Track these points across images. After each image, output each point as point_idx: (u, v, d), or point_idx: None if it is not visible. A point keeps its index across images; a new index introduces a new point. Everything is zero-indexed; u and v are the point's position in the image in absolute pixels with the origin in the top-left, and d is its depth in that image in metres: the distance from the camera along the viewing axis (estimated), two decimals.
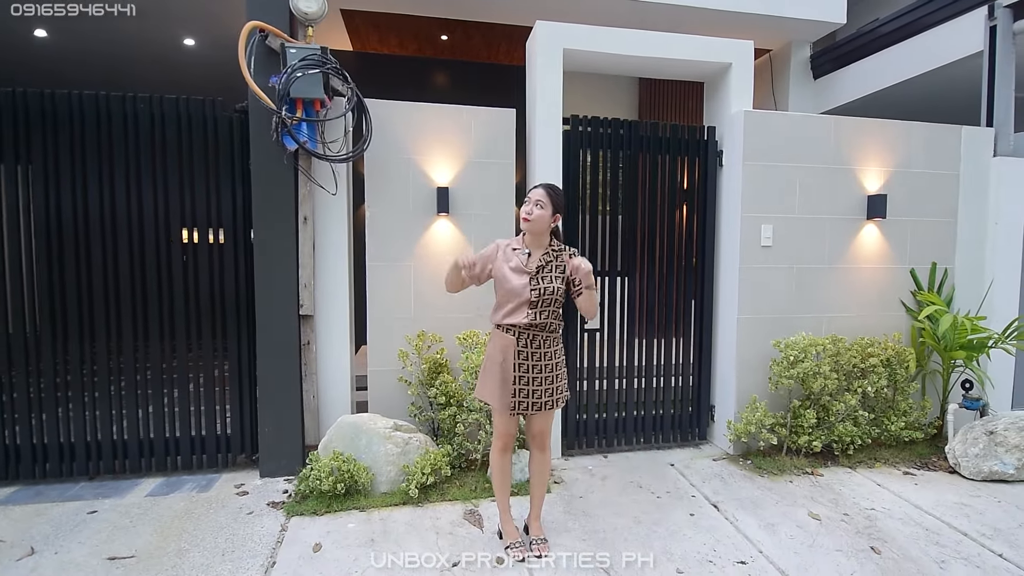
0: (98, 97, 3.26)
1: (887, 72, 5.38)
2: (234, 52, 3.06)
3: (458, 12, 5.23)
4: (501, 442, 2.57)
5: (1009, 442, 3.42)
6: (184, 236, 3.44)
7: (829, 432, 3.68)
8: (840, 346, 3.75)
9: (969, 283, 4.21)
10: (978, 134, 4.19)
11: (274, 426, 3.44)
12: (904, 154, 4.06)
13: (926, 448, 3.89)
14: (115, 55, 6.02)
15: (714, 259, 4.09)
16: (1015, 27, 4.17)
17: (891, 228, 4.07)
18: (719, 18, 5.19)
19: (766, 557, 2.63)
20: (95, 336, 3.34)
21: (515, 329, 2.46)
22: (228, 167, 3.44)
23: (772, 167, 3.83)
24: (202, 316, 3.47)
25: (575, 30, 3.72)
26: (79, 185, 3.27)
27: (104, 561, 2.54)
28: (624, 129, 3.90)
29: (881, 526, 2.92)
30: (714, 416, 4.10)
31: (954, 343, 3.80)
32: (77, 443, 3.35)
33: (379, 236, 3.59)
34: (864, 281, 4.05)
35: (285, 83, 3.09)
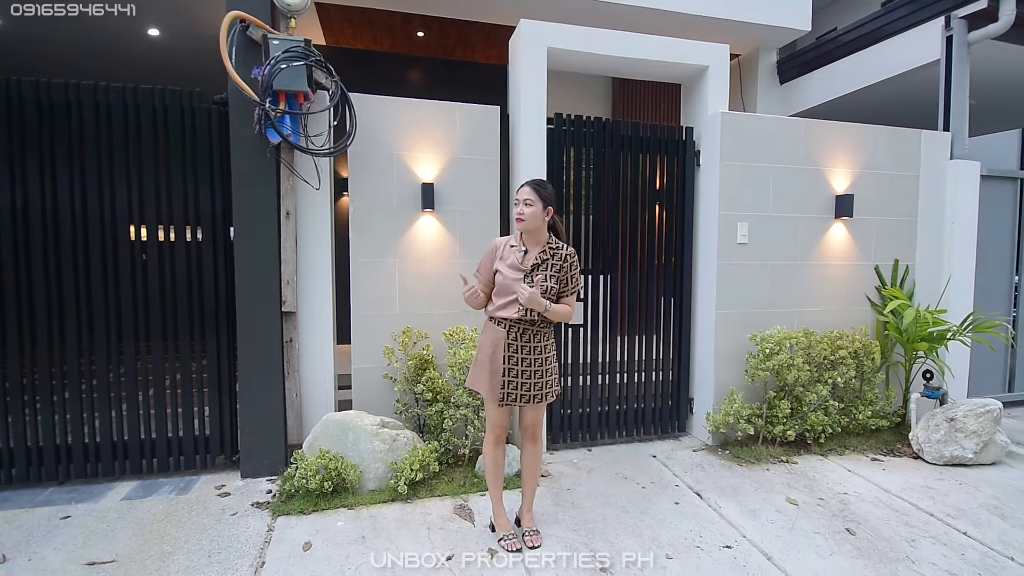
0: (67, 86, 3.13)
1: (850, 78, 5.63)
2: (200, 43, 3.00)
3: (432, 8, 5.22)
4: (494, 434, 2.59)
5: (968, 428, 3.63)
6: (160, 230, 3.34)
7: (802, 422, 3.83)
8: (812, 339, 3.91)
9: (929, 279, 4.45)
10: (936, 138, 4.43)
11: (256, 425, 3.37)
12: (869, 156, 4.26)
13: (891, 435, 4.09)
14: (77, 46, 5.78)
15: (692, 256, 4.19)
16: (970, 37, 4.42)
17: (857, 227, 4.26)
18: (689, 22, 5.34)
19: (750, 541, 2.73)
20: (65, 335, 3.20)
21: (506, 322, 2.49)
22: (206, 160, 3.35)
23: (748, 167, 3.96)
24: (179, 313, 3.36)
25: (560, 29, 3.76)
26: (47, 178, 3.13)
27: (83, 567, 2.44)
28: (606, 128, 3.96)
29: (854, 509, 3.06)
30: (693, 409, 4.21)
31: (916, 335, 4.00)
32: (46, 446, 3.21)
33: (363, 232, 3.56)
34: (833, 277, 4.23)
35: (268, 75, 3.03)
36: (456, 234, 3.70)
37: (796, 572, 2.47)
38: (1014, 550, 2.67)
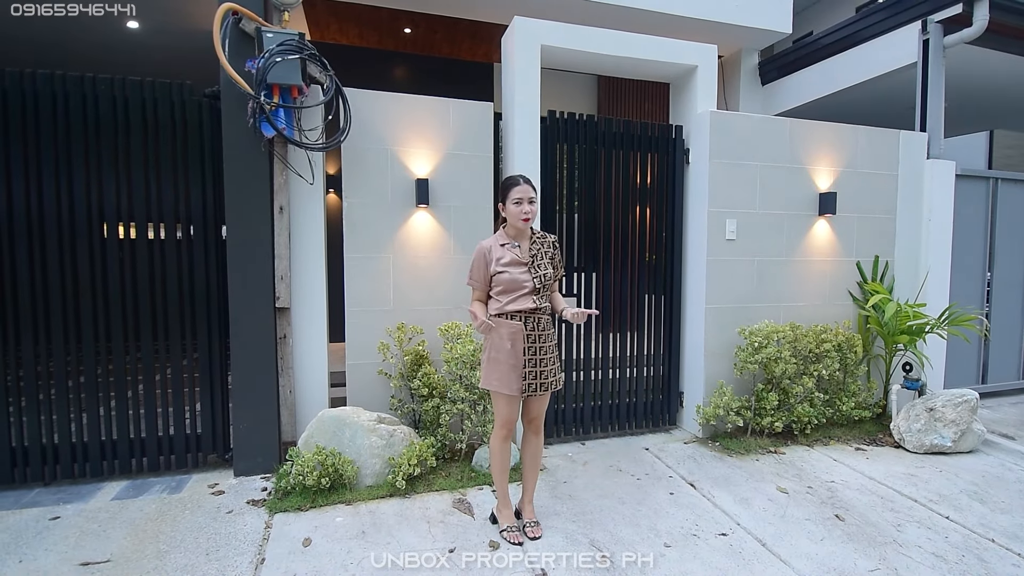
0: (53, 77, 3.06)
1: (830, 80, 5.79)
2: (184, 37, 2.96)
3: (420, 5, 5.21)
4: (504, 430, 2.60)
5: (947, 417, 3.76)
6: (149, 225, 3.28)
7: (789, 413, 3.93)
8: (798, 333, 4.01)
9: (907, 274, 4.60)
10: (914, 138, 4.58)
11: (249, 423, 3.33)
12: (850, 155, 4.38)
13: (873, 426, 4.22)
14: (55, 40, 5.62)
15: (682, 252, 4.27)
16: (945, 41, 4.58)
17: (840, 223, 4.38)
18: (673, 23, 5.44)
19: (744, 528, 2.79)
20: (51, 333, 3.12)
21: (521, 315, 2.52)
22: (197, 154, 3.30)
23: (735, 165, 4.05)
24: (169, 310, 3.30)
25: (553, 27, 3.79)
26: (32, 173, 3.05)
27: (77, 567, 2.39)
28: (598, 126, 4.01)
29: (841, 496, 3.16)
30: (683, 402, 4.28)
31: (897, 329, 4.13)
32: (31, 447, 3.12)
33: (357, 227, 3.54)
34: (817, 272, 4.34)
35: (263, 68, 3.00)
36: (450, 230, 3.70)
37: (790, 557, 2.54)
38: (995, 532, 2.78)
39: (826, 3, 7.84)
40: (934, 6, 4.62)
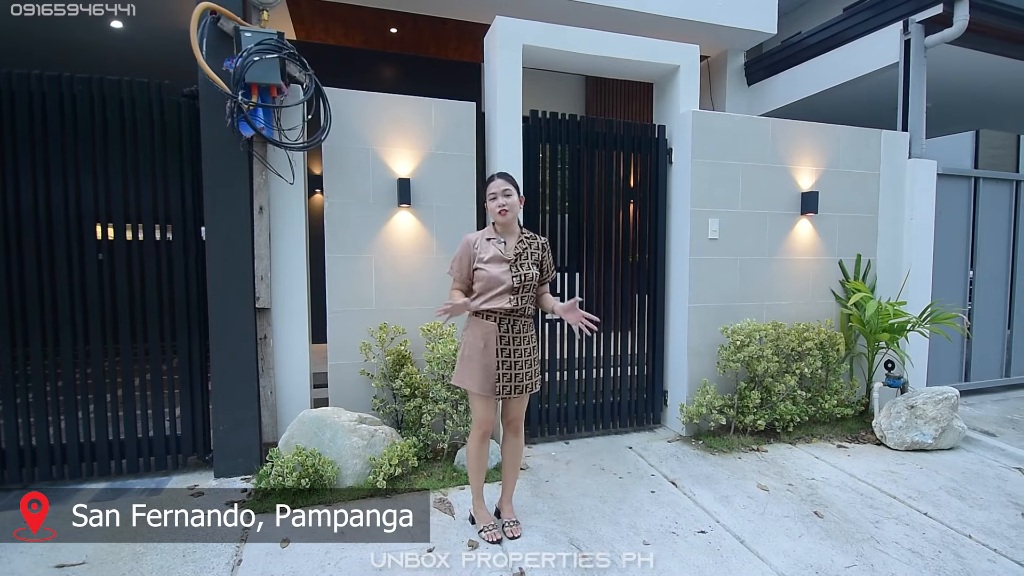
0: (30, 76, 3.03)
1: (815, 80, 5.82)
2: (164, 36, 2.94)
3: (406, 4, 5.20)
4: (481, 430, 2.60)
5: (927, 415, 3.79)
6: (127, 226, 3.26)
7: (772, 411, 3.95)
8: (780, 331, 4.02)
9: (889, 272, 4.63)
10: (895, 138, 4.61)
11: (230, 424, 3.31)
12: (833, 154, 4.41)
13: (855, 423, 4.25)
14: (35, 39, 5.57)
15: (665, 252, 4.28)
16: (927, 41, 4.62)
17: (822, 223, 4.40)
18: (658, 23, 5.45)
19: (723, 526, 2.80)
20: (28, 336, 3.09)
21: (496, 315, 2.51)
22: (176, 154, 3.28)
23: (718, 164, 4.06)
24: (148, 311, 3.28)
25: (535, 27, 3.80)
26: (8, 174, 3.02)
27: (52, 570, 2.38)
28: (581, 126, 4.01)
29: (822, 493, 3.17)
30: (667, 401, 4.29)
31: (878, 327, 4.16)
32: (9, 449, 3.09)
33: (338, 227, 3.53)
34: (799, 271, 4.37)
35: (241, 67, 2.99)
36: (433, 229, 3.70)
37: (768, 554, 2.55)
38: (972, 528, 2.80)
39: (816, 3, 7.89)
40: (915, 6, 4.66)
